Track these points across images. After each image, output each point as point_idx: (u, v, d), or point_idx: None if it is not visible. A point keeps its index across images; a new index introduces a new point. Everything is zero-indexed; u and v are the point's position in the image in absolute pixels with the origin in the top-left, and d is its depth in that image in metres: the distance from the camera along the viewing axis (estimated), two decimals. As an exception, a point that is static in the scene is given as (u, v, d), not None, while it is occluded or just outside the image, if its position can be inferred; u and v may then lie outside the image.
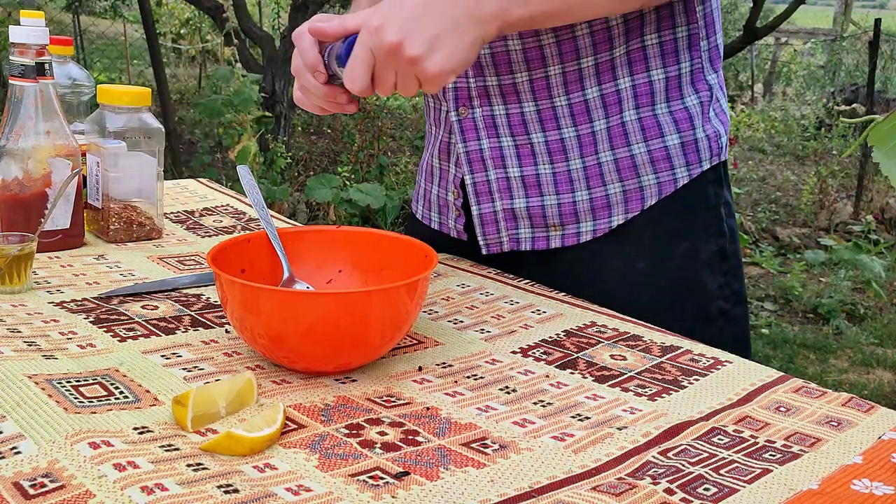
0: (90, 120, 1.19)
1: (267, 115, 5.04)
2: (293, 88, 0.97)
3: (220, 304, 0.96)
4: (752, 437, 0.71)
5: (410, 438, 0.69)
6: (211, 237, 1.24)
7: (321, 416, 0.72)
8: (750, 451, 0.68)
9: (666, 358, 0.87)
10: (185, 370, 0.79)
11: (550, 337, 0.91)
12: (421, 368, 0.83)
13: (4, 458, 0.62)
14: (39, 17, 1.07)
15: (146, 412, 0.71)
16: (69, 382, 0.75)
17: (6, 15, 7.28)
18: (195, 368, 0.80)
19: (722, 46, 1.09)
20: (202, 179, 1.56)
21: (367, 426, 0.71)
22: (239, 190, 2.48)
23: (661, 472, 0.65)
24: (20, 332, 0.85)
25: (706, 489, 0.62)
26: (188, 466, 0.63)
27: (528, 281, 1.08)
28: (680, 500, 0.61)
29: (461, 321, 0.95)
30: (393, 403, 0.75)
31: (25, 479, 0.60)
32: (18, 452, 0.63)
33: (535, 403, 0.76)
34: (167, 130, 1.64)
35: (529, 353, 0.87)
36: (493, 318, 0.96)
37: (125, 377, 0.77)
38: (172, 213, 1.35)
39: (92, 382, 0.75)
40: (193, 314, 0.94)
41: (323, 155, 6.47)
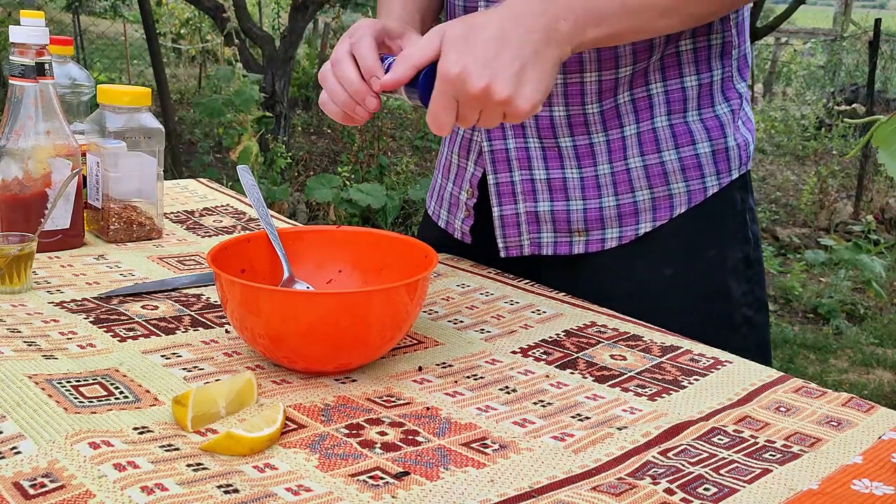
0: (90, 120, 1.19)
1: (267, 115, 5.04)
2: (321, 96, 0.93)
3: (220, 304, 0.96)
4: (752, 437, 0.71)
5: (410, 438, 0.69)
6: (211, 237, 1.24)
7: (321, 416, 0.72)
8: (750, 451, 0.68)
9: (666, 358, 0.87)
10: (185, 370, 0.79)
11: (550, 337, 0.91)
12: (421, 368, 0.83)
13: (4, 458, 0.62)
14: (39, 17, 1.07)
15: (146, 412, 0.71)
16: (69, 382, 0.75)
17: (6, 15, 7.28)
18: (195, 368, 0.80)
19: (750, 55, 1.07)
20: (202, 179, 1.56)
21: (367, 426, 0.71)
22: (239, 190, 2.48)
23: (661, 472, 0.65)
24: (20, 332, 0.85)
25: (706, 489, 0.62)
26: (188, 466, 0.63)
27: (528, 281, 1.08)
28: (680, 500, 0.61)
29: (461, 321, 0.95)
30: (393, 403, 0.75)
31: (25, 479, 0.60)
32: (18, 452, 0.63)
33: (535, 403, 0.76)
34: (167, 130, 1.64)
35: (529, 353, 0.87)
36: (493, 318, 0.96)
37: (125, 377, 0.77)
38: (172, 213, 1.35)
39: (92, 382, 0.75)
40: (193, 314, 0.94)
41: (323, 155, 6.47)
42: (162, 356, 0.82)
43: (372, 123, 5.86)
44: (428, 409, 0.74)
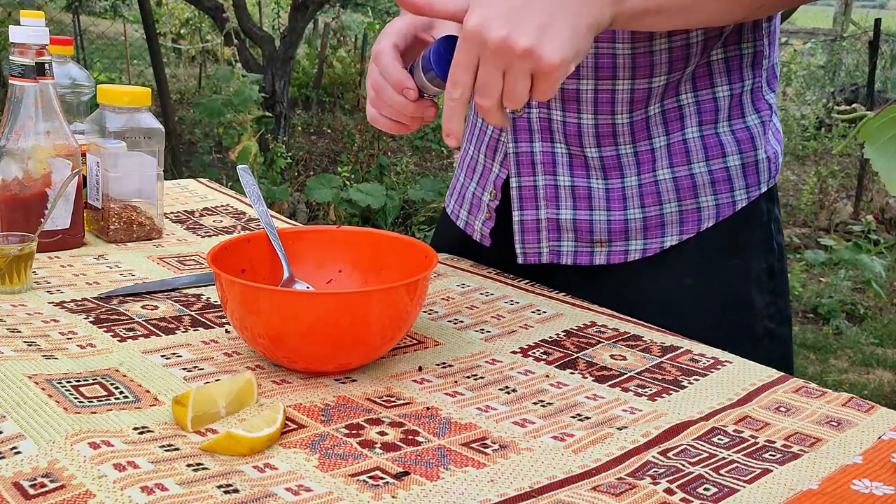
0: (90, 120, 1.19)
1: (267, 115, 5.04)
2: (366, 107, 0.89)
3: (220, 304, 0.96)
4: (752, 437, 0.71)
5: (410, 438, 0.69)
6: (211, 237, 1.24)
7: (321, 416, 0.72)
8: (750, 451, 0.68)
9: (666, 358, 0.87)
10: (185, 370, 0.79)
11: (550, 337, 0.91)
12: (421, 368, 0.83)
13: (4, 458, 0.62)
14: (39, 17, 1.07)
15: (146, 412, 0.71)
16: (69, 382, 0.75)
17: (6, 15, 7.28)
18: (195, 368, 0.80)
19: (778, 66, 1.05)
20: (202, 179, 1.56)
21: (367, 426, 0.71)
22: (239, 190, 2.48)
23: (661, 472, 0.65)
24: (20, 332, 0.85)
25: (706, 489, 0.62)
26: (188, 466, 0.63)
27: (528, 281, 1.08)
28: (680, 500, 0.61)
29: (461, 321, 0.95)
30: (393, 403, 0.75)
31: (25, 479, 0.60)
32: (18, 452, 0.63)
33: (535, 403, 0.76)
34: (167, 130, 1.64)
35: (529, 353, 0.87)
36: (493, 318, 0.96)
37: (125, 377, 0.77)
38: (172, 213, 1.35)
39: (92, 382, 0.75)
40: (193, 314, 0.94)
41: (323, 155, 6.47)
42: (162, 356, 0.82)
43: (372, 123, 5.85)
44: (428, 409, 0.74)
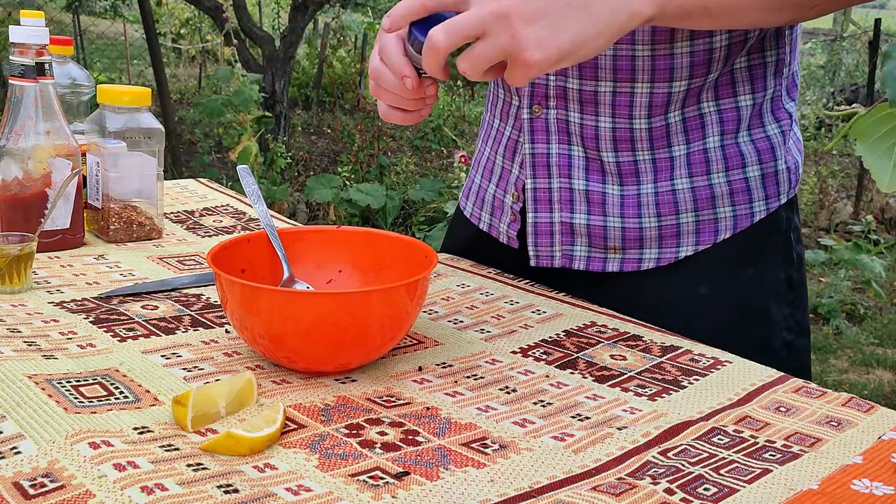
0: (90, 120, 1.19)
1: (267, 115, 5.04)
2: (377, 104, 0.88)
3: (220, 304, 0.96)
4: (752, 437, 0.71)
5: (410, 438, 0.69)
6: (211, 237, 1.24)
7: (321, 416, 0.72)
8: (750, 451, 0.68)
9: (666, 358, 0.87)
10: (185, 370, 0.79)
11: (550, 337, 0.91)
12: (421, 368, 0.83)
13: (4, 458, 0.62)
14: (39, 17, 1.07)
15: (146, 412, 0.71)
16: (69, 382, 0.75)
17: (6, 15, 7.28)
18: (195, 368, 0.80)
19: (798, 74, 1.03)
20: (202, 179, 1.56)
21: (367, 426, 0.71)
22: (239, 190, 2.48)
23: (661, 472, 0.65)
24: (20, 332, 0.85)
25: (706, 489, 0.62)
26: (188, 466, 0.63)
27: (528, 281, 1.08)
28: (680, 500, 0.61)
29: (461, 321, 0.95)
30: (393, 403, 0.75)
31: (25, 479, 0.60)
32: (18, 452, 0.63)
33: (535, 403, 0.76)
34: (167, 130, 1.64)
35: (529, 353, 0.87)
36: (493, 318, 0.96)
37: (125, 377, 0.77)
38: (172, 213, 1.35)
39: (92, 382, 0.75)
40: (193, 314, 0.94)
41: (323, 155, 6.48)
42: (162, 356, 0.82)
43: (372, 123, 5.86)
44: (428, 409, 0.74)
